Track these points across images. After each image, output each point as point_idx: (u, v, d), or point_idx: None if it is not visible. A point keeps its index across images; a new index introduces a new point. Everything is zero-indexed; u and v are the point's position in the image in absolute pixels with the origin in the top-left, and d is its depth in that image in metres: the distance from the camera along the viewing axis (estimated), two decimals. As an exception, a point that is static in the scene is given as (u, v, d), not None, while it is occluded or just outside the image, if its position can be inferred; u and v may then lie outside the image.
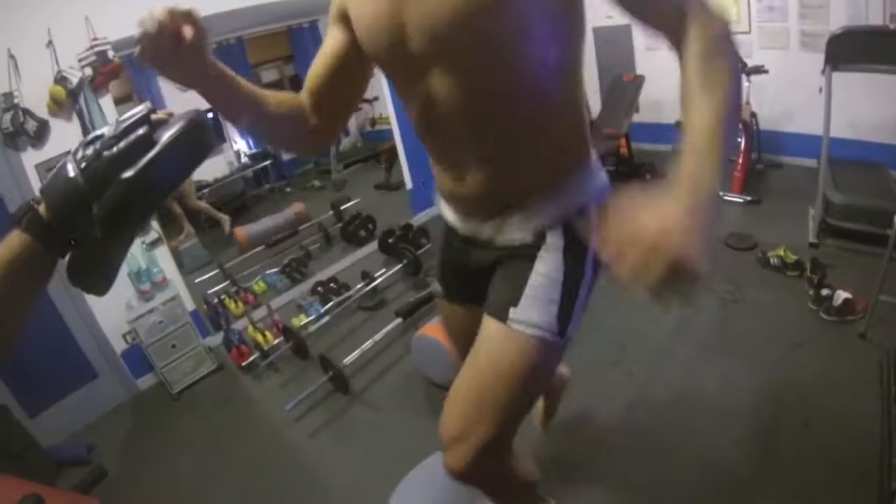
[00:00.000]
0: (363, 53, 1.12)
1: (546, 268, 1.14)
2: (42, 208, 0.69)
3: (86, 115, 2.91)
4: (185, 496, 2.56)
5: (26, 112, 2.75)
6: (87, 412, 3.22)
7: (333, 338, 3.51)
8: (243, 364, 3.33)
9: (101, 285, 0.76)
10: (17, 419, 2.76)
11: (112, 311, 3.17)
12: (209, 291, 3.98)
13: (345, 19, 1.13)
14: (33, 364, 2.92)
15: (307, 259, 4.50)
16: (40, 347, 2.91)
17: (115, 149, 0.68)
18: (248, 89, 1.06)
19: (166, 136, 0.69)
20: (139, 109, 0.71)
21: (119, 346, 3.30)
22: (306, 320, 3.54)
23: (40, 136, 2.82)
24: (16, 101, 2.71)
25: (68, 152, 0.70)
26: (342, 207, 5.21)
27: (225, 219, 5.51)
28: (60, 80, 2.81)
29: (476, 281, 1.29)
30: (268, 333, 3.45)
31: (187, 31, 0.83)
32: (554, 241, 1.15)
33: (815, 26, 4.04)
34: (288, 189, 6.73)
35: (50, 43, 2.78)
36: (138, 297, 3.21)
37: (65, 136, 2.90)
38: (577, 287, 1.15)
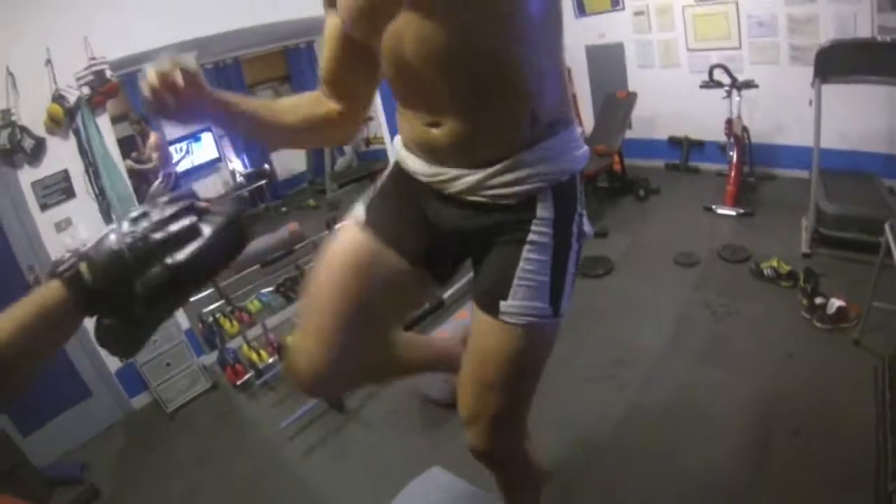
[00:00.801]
0: None
1: (534, 253, 1.10)
2: (84, 267, 0.69)
3: (82, 134, 2.94)
4: (179, 515, 2.53)
5: (23, 130, 2.76)
6: (81, 431, 3.19)
7: (329, 355, 3.48)
8: (238, 383, 3.32)
9: (129, 353, 0.79)
10: (10, 437, 2.73)
11: (107, 330, 3.14)
12: (204, 310, 3.95)
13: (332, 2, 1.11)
14: (27, 383, 2.88)
15: (301, 278, 4.48)
16: (34, 366, 2.88)
17: (163, 232, 0.70)
18: (256, 111, 1.12)
19: (212, 229, 0.72)
20: (184, 198, 0.74)
21: (113, 364, 3.27)
22: (301, 338, 3.51)
23: (37, 153, 2.83)
24: (13, 118, 2.73)
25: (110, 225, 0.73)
26: (337, 226, 5.20)
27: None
28: (58, 98, 2.83)
29: (440, 242, 1.24)
30: (262, 352, 3.43)
31: (179, 79, 0.89)
32: (543, 213, 1.11)
33: (804, 40, 4.10)
34: (283, 208, 6.73)
35: (48, 61, 2.80)
36: (133, 316, 3.18)
37: (61, 155, 2.92)
38: (566, 261, 1.14)
